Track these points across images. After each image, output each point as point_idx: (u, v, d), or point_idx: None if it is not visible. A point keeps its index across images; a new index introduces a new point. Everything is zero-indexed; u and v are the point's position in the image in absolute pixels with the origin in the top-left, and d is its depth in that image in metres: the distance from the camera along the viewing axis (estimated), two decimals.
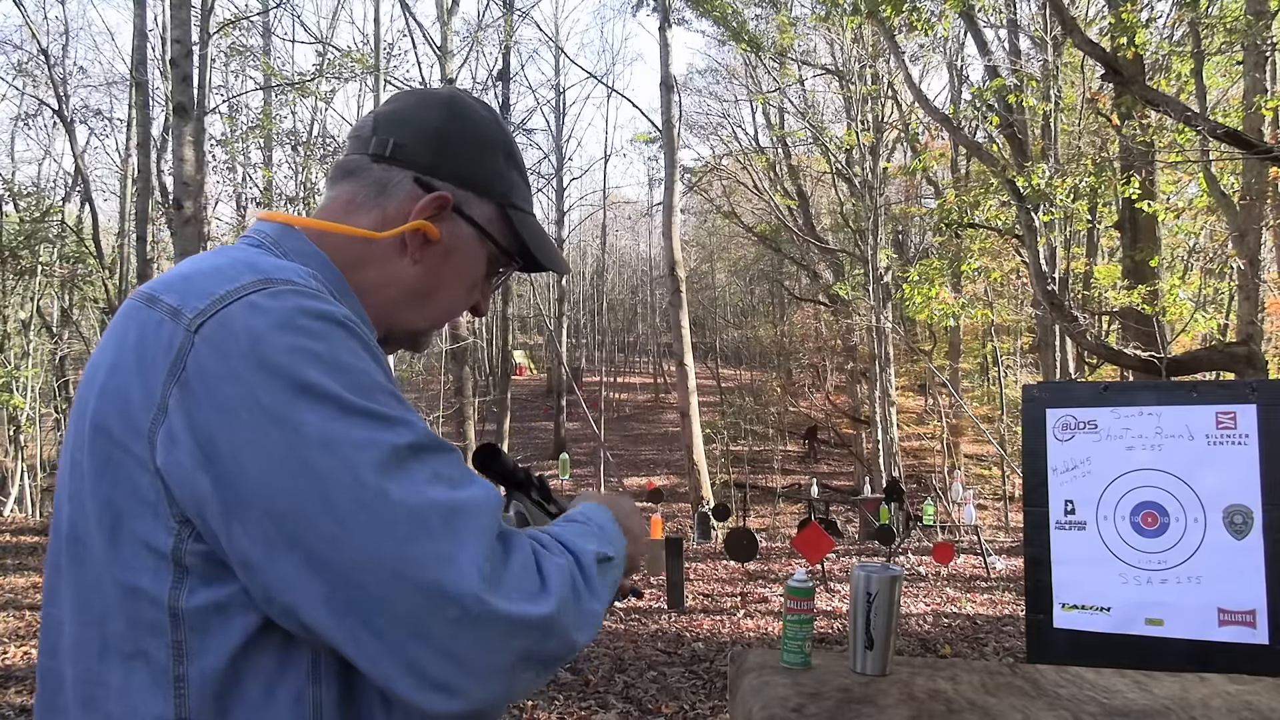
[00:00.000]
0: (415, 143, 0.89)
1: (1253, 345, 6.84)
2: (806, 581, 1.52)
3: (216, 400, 0.67)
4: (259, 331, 0.69)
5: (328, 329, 0.71)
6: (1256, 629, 2.17)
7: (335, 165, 0.93)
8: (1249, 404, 2.28)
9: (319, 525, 0.65)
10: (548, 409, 28.53)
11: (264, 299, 0.71)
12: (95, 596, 0.72)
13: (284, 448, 0.66)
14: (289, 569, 0.66)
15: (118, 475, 0.70)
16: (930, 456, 21.16)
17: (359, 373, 0.71)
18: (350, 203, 0.88)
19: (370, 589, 0.65)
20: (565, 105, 28.94)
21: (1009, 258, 14.52)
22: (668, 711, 4.52)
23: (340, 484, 0.66)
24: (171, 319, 0.71)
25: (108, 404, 0.72)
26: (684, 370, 15.27)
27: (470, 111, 0.93)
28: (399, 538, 0.66)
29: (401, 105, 0.92)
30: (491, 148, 0.93)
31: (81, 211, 18.88)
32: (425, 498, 0.68)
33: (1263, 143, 6.66)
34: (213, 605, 0.69)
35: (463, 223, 0.91)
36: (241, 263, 0.76)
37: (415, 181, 0.88)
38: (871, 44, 15.55)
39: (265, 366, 0.68)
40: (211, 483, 0.67)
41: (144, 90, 12.50)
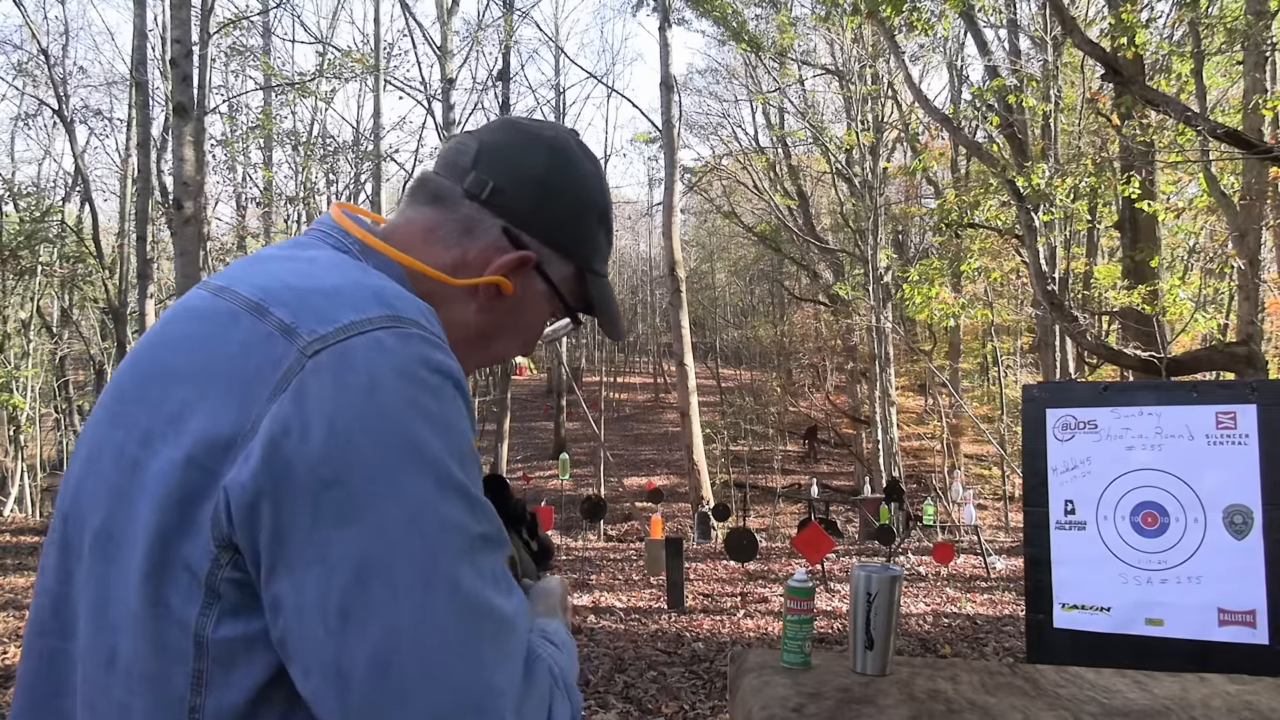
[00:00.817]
0: (514, 190, 0.85)
1: (1253, 345, 6.84)
2: (806, 581, 1.52)
3: (310, 431, 0.63)
4: (379, 374, 0.65)
5: (445, 386, 0.68)
6: (1256, 629, 2.17)
7: (422, 181, 0.87)
8: (1249, 404, 2.28)
9: (371, 594, 0.61)
10: (548, 409, 28.53)
11: (392, 339, 0.67)
12: (115, 605, 0.67)
13: (368, 503, 0.62)
14: (316, 627, 0.61)
15: (183, 487, 0.65)
16: (930, 456, 21.17)
17: (463, 439, 0.68)
18: (431, 233, 0.84)
19: (394, 678, 0.61)
20: (565, 105, 28.93)
21: (1009, 258, 14.52)
22: (668, 711, 4.52)
23: (413, 558, 0.62)
24: (284, 336, 0.67)
25: (192, 411, 0.67)
26: (684, 370, 15.28)
27: (576, 167, 0.88)
28: (449, 634, 0.62)
29: (508, 141, 0.87)
30: (588, 210, 0.89)
31: (81, 211, 18.89)
32: (486, 600, 0.64)
33: (1263, 143, 6.66)
34: (241, 638, 0.65)
35: (538, 279, 0.87)
36: (366, 289, 0.71)
37: (504, 231, 0.84)
38: (871, 44, 15.56)
39: (377, 413, 0.64)
40: (272, 512, 0.62)
41: (144, 90, 12.50)
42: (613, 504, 15.84)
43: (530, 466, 23.62)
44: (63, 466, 17.91)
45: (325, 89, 17.70)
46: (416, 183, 0.88)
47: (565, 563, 10.01)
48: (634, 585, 8.28)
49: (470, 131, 0.89)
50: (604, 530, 14.29)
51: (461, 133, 0.90)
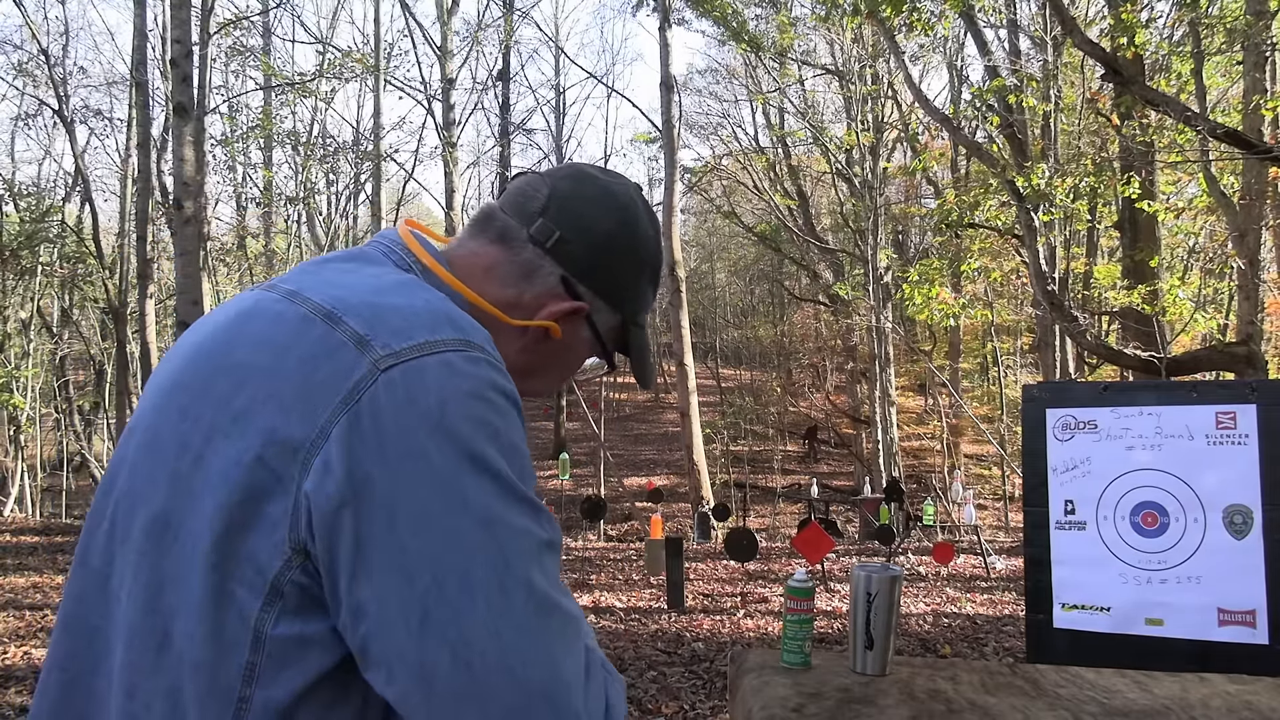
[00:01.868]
0: (578, 245, 0.88)
1: (1253, 345, 6.84)
2: (806, 581, 1.52)
3: (386, 445, 0.66)
4: (450, 394, 0.68)
5: (509, 409, 0.72)
6: (1256, 629, 2.17)
7: (488, 216, 0.90)
8: (1249, 404, 2.28)
9: (449, 596, 0.65)
10: (548, 409, 28.52)
11: (462, 362, 0.71)
12: (172, 590, 0.69)
13: (443, 512, 0.66)
14: (399, 630, 0.65)
15: (250, 484, 0.67)
16: (930, 456, 21.17)
17: (525, 458, 0.72)
18: (491, 270, 0.88)
19: (476, 672, 0.64)
20: (565, 105, 28.97)
21: (1009, 258, 14.52)
22: (668, 711, 4.52)
23: (488, 562, 0.66)
24: (356, 347, 0.70)
25: (260, 410, 0.69)
26: (684, 370, 15.28)
27: (639, 228, 0.92)
28: (524, 631, 0.66)
29: (579, 194, 0.90)
30: (644, 269, 0.93)
31: (81, 211, 18.89)
32: (554, 600, 0.69)
33: (1263, 143, 6.66)
34: (297, 638, 0.68)
35: (585, 327, 0.91)
36: (439, 312, 0.75)
37: (562, 280, 0.88)
38: (871, 44, 15.56)
39: (447, 429, 0.67)
40: (353, 522, 0.65)
41: (144, 90, 12.51)
42: (613, 504, 15.84)
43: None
44: (63, 466, 17.96)
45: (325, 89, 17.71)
46: (483, 216, 0.91)
47: (565, 563, 10.02)
48: (634, 585, 8.28)
49: (541, 174, 0.92)
50: (604, 530, 14.30)
51: (532, 172, 0.93)
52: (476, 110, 20.95)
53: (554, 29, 36.10)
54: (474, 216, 0.92)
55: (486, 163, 25.72)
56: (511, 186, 0.92)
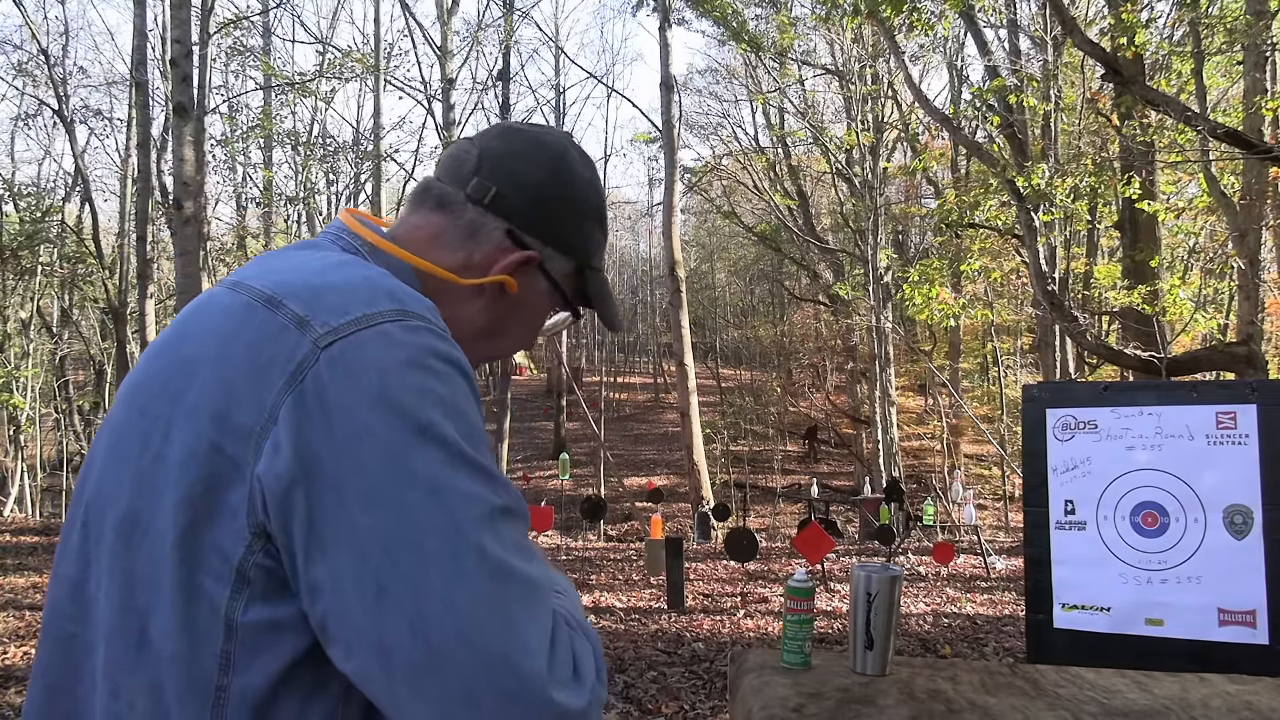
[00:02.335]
0: (515, 196, 0.89)
1: (1253, 345, 6.83)
2: (806, 581, 1.52)
3: (331, 421, 0.66)
4: (389, 365, 0.68)
5: (452, 374, 0.72)
6: (1256, 629, 2.17)
7: (424, 188, 0.91)
8: (1249, 404, 2.27)
9: (402, 569, 0.64)
10: (548, 409, 28.53)
11: (400, 331, 0.71)
12: (144, 589, 0.70)
13: (390, 485, 0.65)
14: (355, 606, 0.64)
15: (208, 474, 0.68)
16: (930, 456, 21.17)
17: (473, 421, 0.71)
18: (437, 237, 0.88)
19: (434, 644, 0.63)
20: (565, 105, 28.96)
21: (1009, 258, 14.52)
22: (668, 711, 4.52)
23: (439, 531, 0.65)
24: (297, 328, 0.70)
25: (212, 399, 0.70)
26: (684, 370, 15.28)
27: (574, 175, 0.93)
28: (480, 597, 0.65)
29: (509, 149, 0.91)
30: (586, 212, 0.94)
31: (81, 211, 18.89)
32: (511, 565, 0.67)
33: (1263, 143, 6.66)
34: (268, 623, 0.68)
35: (541, 277, 0.92)
36: (377, 285, 0.75)
37: (508, 233, 0.89)
38: (871, 44, 15.56)
39: (390, 401, 0.67)
40: (305, 501, 0.65)
41: (144, 90, 12.50)
42: (613, 504, 15.83)
43: (530, 466, 23.61)
44: (63, 466, 17.93)
45: (325, 89, 17.71)
46: (420, 188, 0.91)
47: (565, 563, 10.01)
48: (634, 585, 8.28)
49: (470, 137, 0.93)
50: (604, 530, 14.30)
51: (461, 139, 0.94)
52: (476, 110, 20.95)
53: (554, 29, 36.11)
54: (412, 191, 0.93)
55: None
56: (443, 156, 0.93)
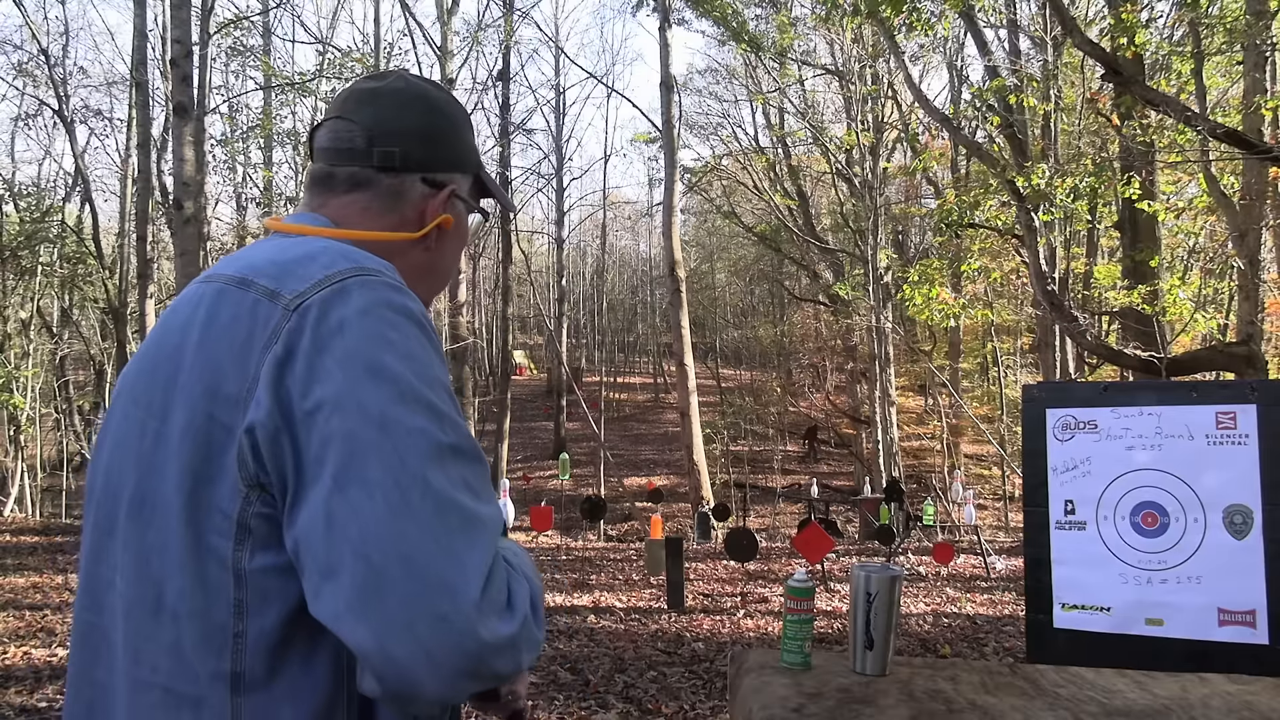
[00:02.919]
0: (412, 148, 0.98)
1: (1253, 345, 6.83)
2: (806, 581, 1.52)
3: (299, 372, 0.74)
4: (347, 316, 0.76)
5: (404, 321, 0.79)
6: (1256, 629, 2.17)
7: (328, 176, 0.98)
8: (1249, 404, 2.27)
9: (350, 497, 0.70)
10: (548, 409, 28.52)
11: (357, 286, 0.79)
12: (157, 557, 0.77)
13: (343, 421, 0.72)
14: (313, 534, 0.70)
15: (206, 443, 0.76)
16: (930, 456, 21.16)
17: (425, 364, 0.78)
18: (367, 210, 0.97)
19: (374, 562, 0.68)
20: (565, 105, 28.96)
21: (1009, 258, 14.52)
22: (668, 711, 4.52)
23: (384, 463, 0.71)
24: (269, 300, 0.79)
25: (202, 377, 0.78)
26: (684, 370, 15.28)
27: (440, 103, 1.02)
28: (421, 524, 0.70)
29: (384, 113, 0.98)
30: (461, 128, 1.04)
31: (81, 211, 18.89)
32: (453, 498, 0.73)
33: (1263, 143, 6.66)
34: (273, 568, 0.75)
35: (458, 202, 1.04)
36: (335, 250, 0.84)
37: (424, 181, 0.99)
38: (871, 44, 15.55)
39: (347, 348, 0.75)
40: (290, 444, 0.73)
41: (144, 90, 12.50)
42: (613, 504, 15.83)
43: (530, 466, 23.60)
44: (63, 466, 17.92)
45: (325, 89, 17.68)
46: (322, 178, 0.98)
47: (565, 563, 10.01)
48: (634, 585, 8.28)
49: (335, 119, 0.99)
50: (604, 530, 14.29)
51: (322, 124, 1.00)
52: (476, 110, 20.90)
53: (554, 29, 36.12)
54: (311, 183, 1.00)
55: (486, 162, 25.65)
56: (322, 146, 0.99)
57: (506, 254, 20.87)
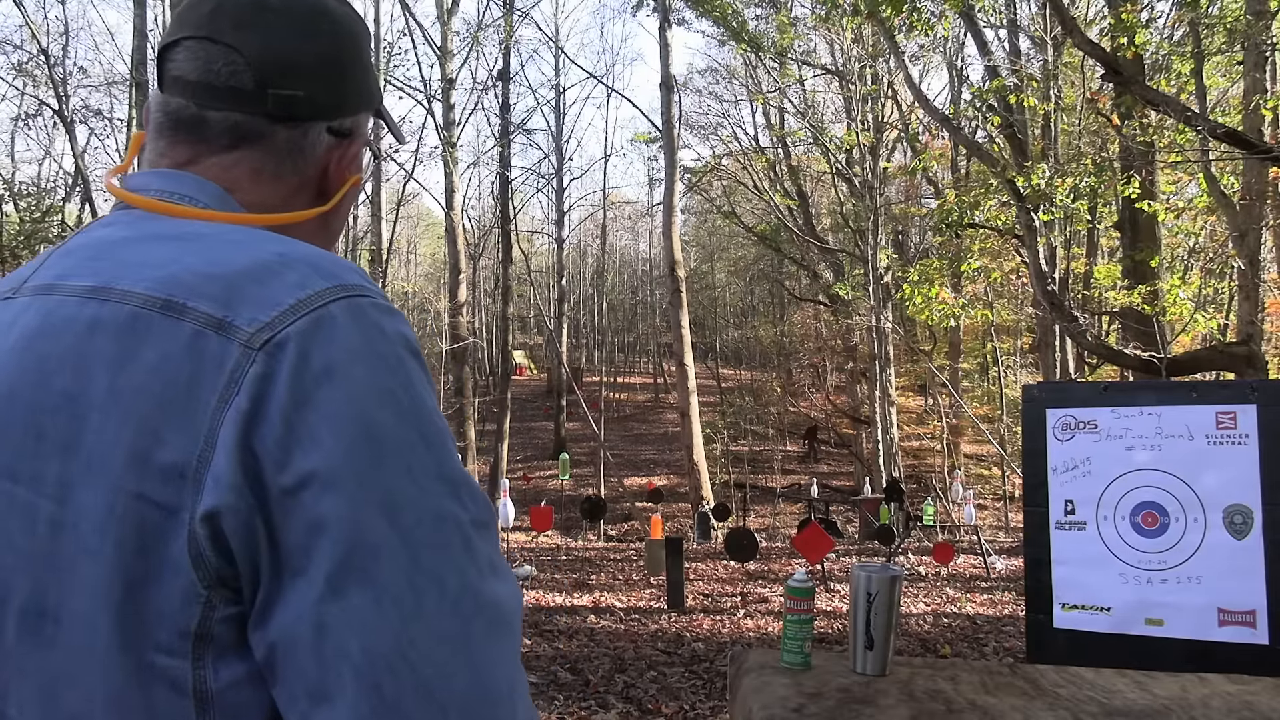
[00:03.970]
0: (319, 87, 0.74)
1: (1253, 345, 6.84)
2: (806, 581, 1.52)
3: (275, 435, 0.55)
4: (336, 358, 0.57)
5: (404, 360, 0.61)
6: (1256, 629, 2.17)
7: (198, 121, 0.72)
8: (1249, 404, 2.27)
9: (351, 599, 0.54)
10: (548, 409, 28.52)
11: (344, 315, 0.59)
12: (71, 688, 0.57)
13: (340, 501, 0.55)
14: (299, 642, 0.54)
15: (137, 532, 0.55)
16: (930, 456, 21.17)
17: (432, 418, 0.61)
18: (258, 174, 0.73)
19: (385, 692, 0.54)
20: (565, 105, 28.95)
21: (1009, 258, 14.52)
22: (668, 711, 4.51)
23: (394, 559, 0.55)
24: (217, 332, 0.57)
25: (120, 440, 0.56)
26: (684, 370, 15.28)
27: (343, 20, 0.77)
28: (444, 639, 0.55)
29: (276, 41, 0.72)
30: (365, 48, 0.80)
31: (82, 211, 18.89)
32: (480, 595, 0.58)
33: (1263, 143, 6.66)
34: (246, 678, 0.57)
35: (361, 145, 0.82)
36: (293, 259, 0.62)
37: (329, 132, 0.76)
38: (871, 44, 15.56)
39: (337, 403, 0.56)
40: (263, 526, 0.55)
41: (144, 90, 12.51)
42: (613, 504, 15.83)
43: (530, 466, 23.61)
44: None
45: None
46: (189, 122, 0.72)
47: (565, 563, 10.01)
48: (634, 585, 8.28)
49: (199, 40, 0.72)
50: (604, 530, 14.30)
51: (184, 41, 0.72)
52: (476, 110, 20.90)
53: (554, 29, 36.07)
54: (166, 125, 0.73)
55: (486, 163, 25.71)
56: (184, 77, 0.72)
57: (506, 254, 20.87)
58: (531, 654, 5.56)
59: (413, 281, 35.96)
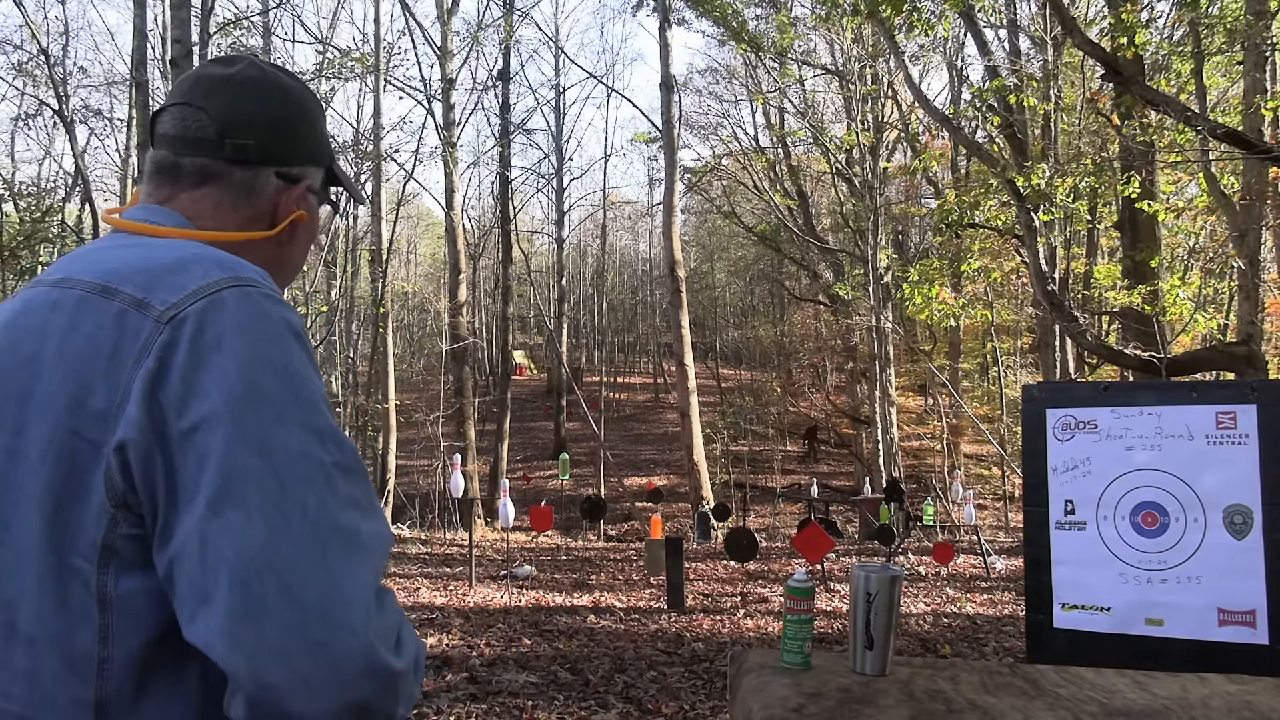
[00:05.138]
0: (267, 140, 0.94)
1: (1253, 345, 6.83)
2: (806, 581, 1.52)
3: (174, 389, 0.70)
4: (224, 331, 0.73)
5: (283, 335, 0.76)
6: (1256, 629, 2.17)
7: (174, 166, 0.92)
8: (1249, 404, 2.27)
9: (228, 518, 0.67)
10: (548, 409, 28.52)
11: (234, 299, 0.75)
12: (11, 579, 0.73)
13: (222, 442, 0.69)
14: (185, 556, 0.68)
15: (69, 460, 0.72)
16: (930, 456, 21.16)
17: (304, 381, 0.75)
18: (219, 206, 0.93)
19: (252, 589, 0.66)
20: (565, 105, 28.95)
21: (1009, 258, 14.52)
22: (668, 711, 4.51)
23: (263, 486, 0.69)
24: (137, 310, 0.74)
25: (64, 389, 0.73)
26: (684, 370, 15.28)
27: (292, 93, 0.98)
28: (302, 549, 0.68)
29: (237, 102, 0.93)
30: (316, 120, 1.01)
31: (81, 211, 18.88)
32: (336, 521, 0.71)
33: (1263, 143, 6.66)
34: (141, 590, 0.71)
35: (311, 195, 1.01)
36: (209, 258, 0.79)
37: (278, 176, 0.96)
38: (871, 44, 15.56)
39: (224, 365, 0.71)
40: (162, 464, 0.69)
41: (144, 90, 12.49)
42: (613, 504, 15.83)
43: (530, 466, 23.61)
44: None
45: (325, 89, 17.69)
46: (167, 168, 0.93)
47: (565, 563, 10.01)
48: (634, 585, 8.28)
49: (182, 105, 0.93)
50: (604, 530, 14.30)
51: (169, 107, 0.95)
52: (476, 110, 20.93)
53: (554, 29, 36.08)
54: (155, 172, 0.94)
55: (486, 163, 25.69)
56: (168, 133, 0.94)
57: (506, 254, 20.87)
58: (531, 654, 5.57)
59: (413, 281, 35.92)
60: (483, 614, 6.82)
